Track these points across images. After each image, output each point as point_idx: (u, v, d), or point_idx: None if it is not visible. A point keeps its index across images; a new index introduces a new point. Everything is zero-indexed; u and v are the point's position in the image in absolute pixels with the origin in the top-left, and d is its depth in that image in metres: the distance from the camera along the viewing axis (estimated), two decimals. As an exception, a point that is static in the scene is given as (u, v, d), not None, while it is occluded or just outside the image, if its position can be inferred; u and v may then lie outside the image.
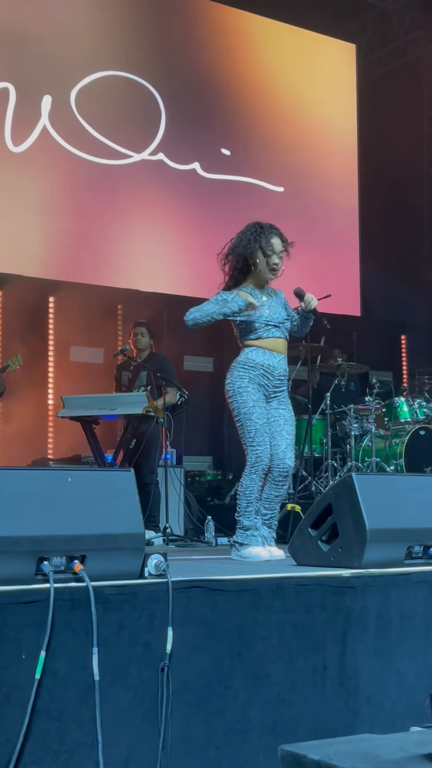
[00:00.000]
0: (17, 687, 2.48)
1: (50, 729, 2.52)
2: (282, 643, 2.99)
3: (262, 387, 4.65)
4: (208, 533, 6.65)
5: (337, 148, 11.12)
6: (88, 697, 2.56)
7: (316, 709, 3.02)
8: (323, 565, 3.43)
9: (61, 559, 2.67)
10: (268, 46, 10.65)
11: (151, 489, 6.66)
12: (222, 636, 2.87)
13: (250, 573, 3.11)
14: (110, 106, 9.56)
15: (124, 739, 2.64)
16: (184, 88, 10.06)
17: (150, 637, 2.72)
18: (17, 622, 2.51)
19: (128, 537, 2.82)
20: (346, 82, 11.37)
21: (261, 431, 4.56)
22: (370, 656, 3.15)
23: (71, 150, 9.26)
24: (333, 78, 11.25)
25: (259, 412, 4.59)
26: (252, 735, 2.88)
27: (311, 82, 10.95)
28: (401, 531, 3.44)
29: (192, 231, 9.85)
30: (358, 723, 3.08)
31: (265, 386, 4.66)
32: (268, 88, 10.60)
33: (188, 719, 2.77)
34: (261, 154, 10.48)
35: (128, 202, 9.56)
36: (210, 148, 10.16)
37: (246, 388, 4.62)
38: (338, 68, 11.33)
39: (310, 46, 11.02)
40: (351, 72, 11.43)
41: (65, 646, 2.56)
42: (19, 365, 7.06)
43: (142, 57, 9.81)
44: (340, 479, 3.65)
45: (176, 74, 10.01)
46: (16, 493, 2.66)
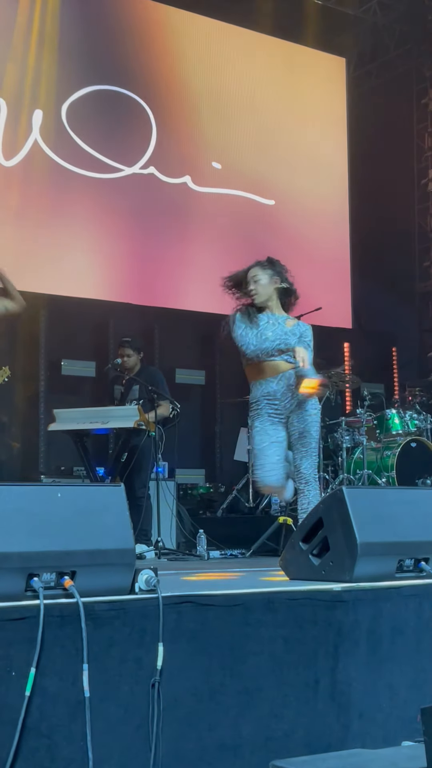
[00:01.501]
0: (7, 704, 2.46)
1: (40, 746, 2.50)
2: (273, 657, 2.98)
3: (270, 415, 4.98)
4: (200, 546, 6.64)
5: (327, 161, 11.16)
6: (78, 713, 2.54)
7: (308, 724, 3.01)
8: (314, 579, 3.42)
9: (51, 575, 2.66)
10: (259, 61, 10.69)
11: (143, 502, 6.66)
12: (213, 651, 2.86)
13: (240, 588, 3.10)
14: (101, 120, 9.58)
15: (115, 756, 2.63)
16: (175, 102, 10.08)
17: (140, 653, 2.71)
18: (6, 638, 2.49)
19: (118, 552, 2.82)
20: (337, 96, 11.41)
21: (258, 455, 4.97)
22: (362, 670, 3.14)
23: (62, 164, 9.28)
24: (323, 92, 11.29)
25: (260, 438, 4.97)
26: (244, 750, 2.87)
27: (301, 96, 10.99)
28: (392, 544, 3.43)
29: (183, 244, 9.87)
30: (350, 737, 3.06)
31: (274, 413, 4.98)
32: (258, 101, 10.63)
33: (179, 735, 2.76)
34: (252, 168, 10.51)
35: (119, 215, 9.58)
36: (201, 162, 10.19)
37: (253, 423, 5.09)
38: (328, 82, 11.38)
39: (300, 60, 11.07)
40: (341, 86, 11.48)
41: (55, 662, 2.54)
42: (6, 378, 7.00)
43: (133, 71, 9.84)
44: (331, 492, 3.65)
45: (167, 88, 10.04)
46: (5, 509, 2.65)
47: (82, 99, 9.47)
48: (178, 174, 10.02)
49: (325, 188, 11.09)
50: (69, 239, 9.21)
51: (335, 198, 11.18)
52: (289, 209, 10.65)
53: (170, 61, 10.08)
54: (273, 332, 4.98)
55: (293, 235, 10.51)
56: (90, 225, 9.41)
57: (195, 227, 10.05)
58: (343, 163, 11.30)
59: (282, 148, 10.73)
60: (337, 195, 11.19)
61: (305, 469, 4.91)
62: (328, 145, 11.20)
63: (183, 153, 10.08)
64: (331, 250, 11.02)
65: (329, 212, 11.08)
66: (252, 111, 10.58)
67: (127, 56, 9.83)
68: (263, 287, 5.09)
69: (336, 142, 11.29)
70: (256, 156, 10.55)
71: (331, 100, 11.36)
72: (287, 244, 10.35)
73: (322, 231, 10.93)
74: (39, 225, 9.01)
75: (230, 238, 10.09)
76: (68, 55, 9.44)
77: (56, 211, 9.17)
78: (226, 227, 10.15)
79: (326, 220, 11.03)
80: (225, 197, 10.31)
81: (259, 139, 10.57)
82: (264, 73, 10.73)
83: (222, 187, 10.31)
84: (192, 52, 10.28)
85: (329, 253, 10.98)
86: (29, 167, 9.07)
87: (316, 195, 10.93)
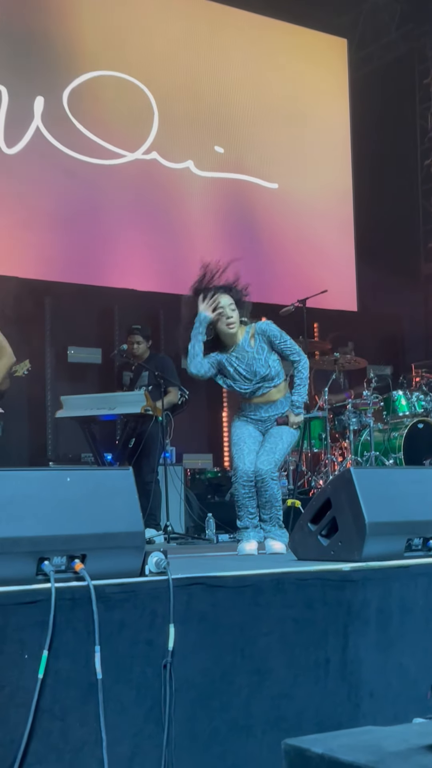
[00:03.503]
0: (20, 687, 2.49)
1: (54, 728, 2.52)
2: (284, 638, 2.99)
3: (251, 422, 5.03)
4: (209, 530, 6.66)
5: (330, 143, 11.12)
6: (91, 695, 2.56)
7: (319, 703, 3.03)
8: (323, 559, 3.44)
9: (62, 558, 2.68)
10: (259, 43, 10.64)
11: (151, 487, 6.68)
12: (224, 632, 2.88)
13: (250, 569, 3.12)
14: (103, 106, 9.56)
15: (127, 737, 2.65)
16: (176, 86, 10.05)
17: (152, 635, 2.73)
18: (19, 622, 2.51)
19: (128, 535, 2.83)
20: (339, 77, 11.37)
21: (237, 443, 4.96)
22: (372, 649, 3.15)
23: (65, 151, 9.26)
24: (325, 73, 11.24)
25: (239, 432, 4.99)
26: (256, 730, 2.89)
27: (303, 78, 10.94)
28: (400, 524, 3.45)
29: (187, 229, 9.85)
30: (361, 716, 3.08)
31: (254, 423, 5.03)
32: (259, 84, 10.59)
33: (191, 716, 2.78)
34: (254, 151, 10.48)
35: (122, 201, 9.56)
36: (203, 146, 10.16)
37: (234, 422, 5.11)
38: (330, 63, 11.33)
39: (301, 42, 11.01)
40: (343, 67, 11.43)
41: (67, 645, 2.56)
42: (27, 371, 7.02)
43: (134, 56, 9.80)
44: (339, 473, 3.66)
45: (168, 73, 10.00)
46: (15, 494, 2.66)
47: (84, 85, 9.44)
48: (181, 159, 10.00)
49: (328, 170, 11.05)
50: (72, 226, 9.19)
51: (339, 180, 11.14)
52: (292, 192, 10.62)
53: (171, 46, 10.03)
54: (247, 370, 4.93)
55: (297, 218, 10.49)
56: (93, 211, 9.39)
57: (198, 212, 10.03)
58: (346, 145, 11.26)
59: (284, 131, 10.68)
60: (340, 177, 11.16)
61: (261, 464, 4.83)
62: (330, 127, 11.16)
63: (185, 138, 10.05)
64: (335, 232, 11.00)
65: (333, 194, 11.05)
66: (254, 94, 10.54)
67: (128, 41, 9.79)
68: (236, 316, 4.94)
69: (339, 124, 11.25)
70: (258, 139, 10.51)
71: (333, 82, 11.31)
72: (291, 227, 10.35)
73: (326, 213, 10.90)
74: (42, 212, 8.99)
75: (234, 222, 10.08)
76: (69, 41, 9.41)
77: (59, 198, 9.15)
78: (230, 211, 10.13)
79: (330, 202, 11.00)
80: (228, 181, 10.29)
81: (261, 122, 10.53)
82: (265, 55, 10.68)
83: (225, 172, 10.28)
84: (193, 35, 10.23)
85: (334, 236, 10.95)
86: (31, 154, 9.05)
87: (319, 177, 10.89)
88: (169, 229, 9.78)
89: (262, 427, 5.02)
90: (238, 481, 4.89)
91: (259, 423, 5.01)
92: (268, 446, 4.91)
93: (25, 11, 9.22)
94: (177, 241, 9.76)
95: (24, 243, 8.87)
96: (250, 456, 4.88)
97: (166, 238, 9.74)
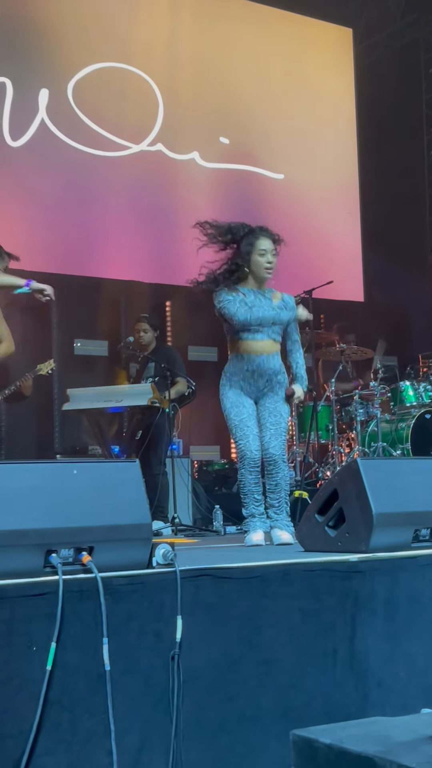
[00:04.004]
0: (29, 679, 2.50)
1: (63, 719, 2.53)
2: (291, 629, 3.00)
3: (244, 390, 4.93)
4: (217, 522, 6.66)
5: (335, 133, 11.09)
6: (99, 687, 2.57)
7: (327, 694, 3.03)
8: (330, 550, 3.44)
9: (69, 551, 2.68)
10: (264, 33, 10.61)
11: (158, 479, 6.68)
12: (231, 623, 2.88)
13: (257, 560, 3.12)
14: (107, 97, 9.54)
15: (136, 728, 2.66)
16: (180, 77, 10.03)
17: (159, 626, 2.73)
18: (27, 614, 2.52)
19: (135, 527, 2.83)
20: (344, 67, 11.33)
21: (240, 426, 4.87)
22: (380, 640, 3.16)
23: (70, 143, 9.25)
24: (330, 63, 11.21)
25: (237, 410, 4.90)
26: (264, 721, 2.89)
27: (308, 68, 10.91)
28: (408, 515, 3.44)
29: (192, 220, 9.78)
30: (369, 706, 3.09)
31: (247, 389, 4.93)
32: (264, 75, 10.56)
33: (200, 706, 2.78)
34: (259, 142, 10.46)
35: (128, 193, 9.55)
36: (209, 137, 10.14)
37: (226, 393, 4.97)
38: (335, 53, 11.29)
39: (306, 32, 10.98)
40: (348, 56, 11.39)
41: (75, 637, 2.57)
42: (51, 370, 7.04)
43: (139, 48, 9.78)
44: (346, 464, 3.66)
45: (172, 64, 9.98)
46: (22, 487, 2.67)
47: (88, 77, 9.42)
48: (186, 150, 9.98)
49: (334, 160, 11.03)
50: (78, 218, 9.19)
51: (344, 170, 11.11)
52: (298, 183, 10.60)
53: (175, 37, 10.01)
54: (260, 306, 4.91)
55: (303, 209, 10.46)
56: (98, 203, 9.39)
57: (204, 203, 10.00)
58: (351, 135, 11.23)
59: (290, 122, 10.66)
60: (346, 167, 11.13)
61: (274, 449, 4.81)
62: (336, 117, 11.13)
63: (190, 129, 10.03)
64: (341, 222, 10.97)
65: (339, 185, 11.03)
66: (259, 84, 10.52)
67: (133, 33, 9.77)
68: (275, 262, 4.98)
69: (344, 114, 11.22)
70: (263, 130, 10.49)
71: (338, 72, 11.28)
72: (297, 218, 10.32)
73: (331, 204, 10.88)
74: (47, 205, 9.00)
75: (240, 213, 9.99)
76: (73, 32, 9.39)
77: (64, 190, 9.15)
78: (235, 202, 10.10)
79: (336, 192, 10.97)
80: (233, 172, 10.27)
81: (266, 112, 10.51)
82: (270, 45, 10.65)
83: (230, 163, 10.26)
84: (198, 26, 10.20)
85: (340, 226, 10.93)
86: (36, 147, 9.05)
87: (325, 168, 10.87)
88: (174, 220, 9.75)
89: (255, 390, 4.92)
90: (245, 467, 4.84)
91: (251, 382, 4.90)
92: (273, 428, 4.85)
93: (29, 3, 9.21)
94: (183, 233, 9.71)
95: (29, 235, 8.86)
96: (255, 441, 4.83)
97: (171, 230, 9.71)
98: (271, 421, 4.88)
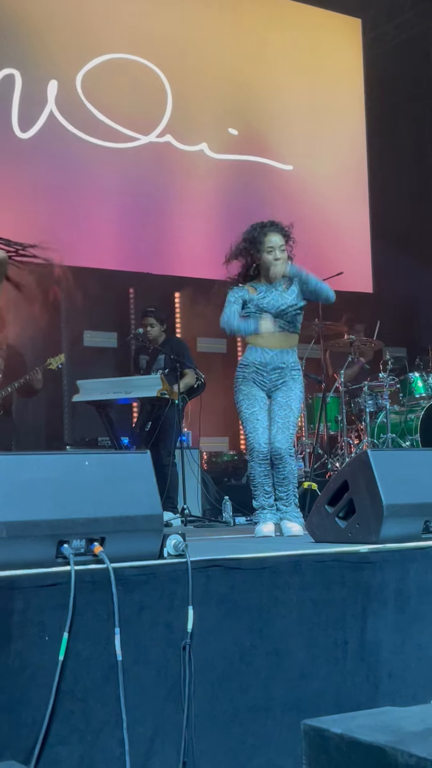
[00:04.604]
0: (41, 668, 2.51)
1: (75, 709, 2.55)
2: (302, 619, 3.01)
3: (257, 382, 4.97)
4: (226, 513, 6.68)
5: (344, 124, 11.05)
6: (111, 676, 2.59)
7: (337, 684, 3.05)
8: (341, 541, 3.45)
9: (81, 541, 2.70)
10: (272, 23, 10.58)
11: (168, 471, 6.69)
12: (242, 614, 2.89)
13: (268, 551, 3.13)
14: (116, 89, 9.53)
15: (148, 718, 2.67)
16: (189, 68, 10.00)
17: (171, 617, 2.74)
18: (39, 604, 2.54)
19: (147, 518, 2.85)
20: (353, 57, 11.29)
21: (250, 419, 4.93)
22: (390, 630, 3.16)
23: (78, 134, 9.24)
24: (339, 53, 11.16)
25: (249, 402, 4.96)
26: (275, 711, 2.91)
27: (317, 59, 10.87)
28: (418, 506, 3.45)
29: (201, 212, 9.83)
30: (379, 697, 3.10)
31: (260, 382, 4.96)
32: (273, 65, 10.53)
33: (211, 697, 2.80)
34: (268, 133, 10.43)
35: (136, 184, 9.55)
36: (217, 128, 10.12)
37: (239, 385, 5.02)
38: (344, 43, 11.25)
39: (315, 22, 10.94)
40: (357, 47, 11.34)
41: (87, 627, 2.59)
42: (60, 365, 7.08)
43: (147, 39, 9.76)
44: (356, 456, 3.66)
45: (181, 55, 9.96)
46: (34, 478, 2.68)
47: (97, 68, 9.41)
48: (195, 141, 9.97)
49: (342, 152, 10.99)
50: (86, 210, 9.19)
51: (353, 161, 11.08)
52: (306, 174, 10.58)
53: (183, 28, 9.98)
54: (270, 299, 4.95)
55: (312, 200, 10.44)
56: (107, 195, 9.39)
57: (212, 194, 10.00)
58: (360, 125, 11.19)
59: (298, 113, 10.62)
60: (355, 158, 11.10)
61: (279, 443, 4.83)
62: (345, 108, 11.09)
63: (199, 120, 10.02)
64: (350, 214, 10.95)
65: (347, 176, 11.00)
66: (267, 75, 10.49)
67: (140, 24, 9.75)
68: (284, 257, 5.02)
69: (353, 105, 11.18)
70: (272, 121, 10.46)
71: (347, 62, 11.24)
72: (306, 209, 10.29)
73: (340, 195, 10.86)
74: (56, 196, 9.00)
75: (248, 204, 10.03)
76: (82, 24, 9.38)
77: (73, 182, 9.15)
78: (244, 194, 10.09)
79: (344, 183, 10.95)
80: (242, 163, 10.25)
81: (275, 103, 10.48)
82: (279, 36, 10.62)
83: (239, 154, 10.24)
84: (206, 17, 10.18)
85: (348, 218, 10.91)
86: (45, 139, 9.04)
87: (333, 159, 10.84)
88: (183, 211, 9.75)
89: (267, 382, 4.94)
90: (254, 460, 4.89)
91: (263, 375, 4.93)
92: (281, 421, 4.88)
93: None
94: (191, 224, 9.74)
95: (37, 227, 8.85)
96: (265, 434, 4.87)
97: (180, 221, 9.71)
98: (280, 414, 4.91)
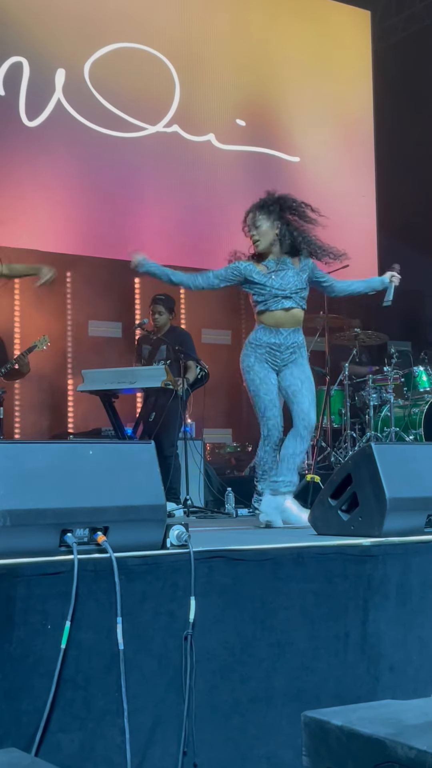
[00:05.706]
0: (43, 657, 2.52)
1: (77, 698, 2.56)
2: (304, 611, 3.01)
3: (269, 363, 4.88)
4: (229, 504, 6.67)
5: (352, 116, 11.02)
6: (113, 666, 2.59)
7: (338, 676, 3.05)
8: (343, 534, 3.45)
9: (84, 530, 2.70)
10: (282, 15, 10.54)
11: (171, 461, 6.69)
12: (244, 605, 2.90)
13: (270, 543, 3.13)
14: (124, 78, 9.51)
15: (149, 707, 2.68)
16: (197, 58, 9.98)
17: (173, 607, 2.75)
18: (42, 593, 2.54)
19: (150, 508, 2.85)
20: (362, 50, 11.26)
21: (270, 406, 4.82)
22: (392, 623, 3.17)
23: (86, 123, 9.23)
24: (348, 45, 11.13)
25: (267, 387, 4.84)
26: (276, 702, 2.91)
27: (326, 50, 10.84)
28: (421, 499, 3.45)
29: (208, 202, 9.82)
30: (380, 689, 3.10)
31: (272, 362, 4.88)
32: (281, 57, 10.50)
33: (212, 687, 2.80)
34: (276, 124, 10.41)
35: (143, 174, 9.54)
36: (225, 119, 10.10)
37: (253, 366, 4.87)
38: (353, 35, 11.21)
39: (323, 14, 10.91)
40: (366, 39, 11.31)
41: (90, 616, 2.59)
42: (46, 346, 7.15)
43: (155, 28, 9.74)
44: (360, 449, 3.66)
45: (189, 45, 9.93)
46: (38, 467, 2.68)
47: (105, 57, 9.39)
48: (202, 132, 9.95)
49: (350, 144, 10.97)
50: (93, 199, 9.18)
51: (361, 154, 11.06)
52: (314, 166, 10.56)
53: (192, 18, 9.96)
54: (280, 278, 4.89)
55: (318, 192, 10.37)
56: (113, 184, 9.38)
57: (219, 185, 9.99)
58: (368, 118, 11.16)
59: (307, 104, 10.60)
60: (362, 151, 11.07)
61: (314, 414, 4.81)
62: (353, 100, 11.06)
63: (206, 110, 10.00)
64: (357, 206, 10.92)
65: (355, 168, 10.97)
66: (276, 66, 10.46)
67: (149, 13, 9.73)
68: (264, 234, 4.99)
69: (361, 97, 11.15)
70: (280, 112, 10.44)
71: (356, 54, 11.20)
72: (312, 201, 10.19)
73: (347, 187, 10.83)
74: (63, 185, 8.99)
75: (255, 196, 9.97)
76: (90, 12, 9.36)
77: (80, 171, 9.14)
78: (251, 185, 10.02)
79: (352, 176, 10.92)
80: (249, 155, 10.23)
81: (283, 95, 10.46)
82: (288, 27, 10.59)
83: (246, 145, 10.23)
84: (215, 7, 10.15)
85: (355, 210, 10.88)
86: (53, 127, 9.04)
87: (341, 151, 10.82)
88: (189, 202, 9.74)
89: (279, 362, 4.87)
90: (269, 445, 4.82)
91: (277, 355, 4.85)
92: (309, 395, 4.81)
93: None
94: (197, 215, 9.73)
95: (44, 216, 8.87)
96: (280, 420, 4.83)
97: (186, 211, 9.70)
98: (307, 388, 4.84)
